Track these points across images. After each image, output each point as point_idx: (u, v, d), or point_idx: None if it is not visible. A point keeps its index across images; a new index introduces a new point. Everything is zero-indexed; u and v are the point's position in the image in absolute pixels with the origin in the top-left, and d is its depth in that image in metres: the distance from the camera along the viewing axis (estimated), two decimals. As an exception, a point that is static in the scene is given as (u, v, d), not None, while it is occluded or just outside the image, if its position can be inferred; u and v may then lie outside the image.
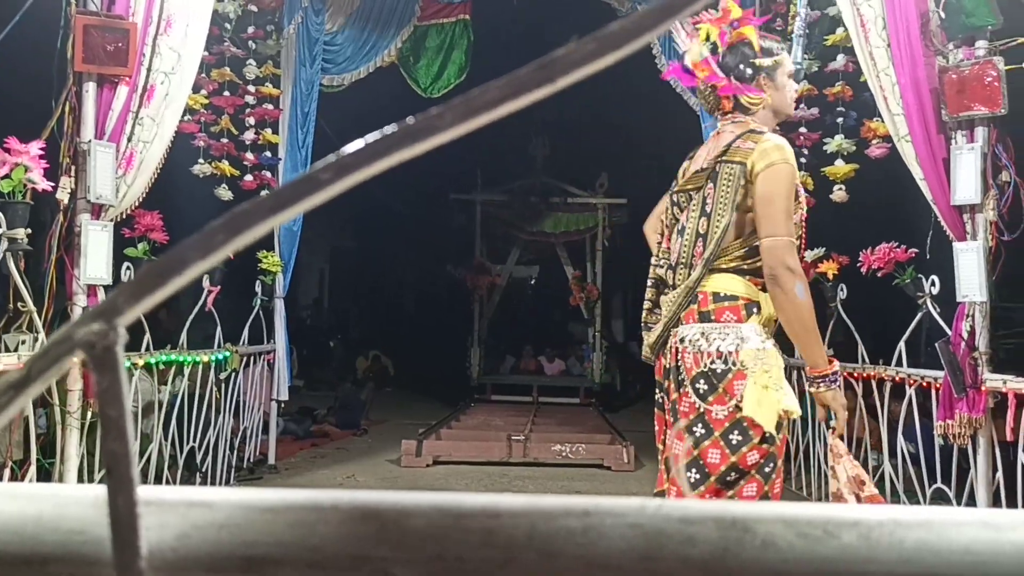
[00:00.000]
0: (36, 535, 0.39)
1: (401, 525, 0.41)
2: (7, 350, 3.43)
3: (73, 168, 3.74)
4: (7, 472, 3.39)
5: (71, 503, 0.41)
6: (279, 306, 6.18)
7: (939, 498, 4.23)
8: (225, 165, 5.69)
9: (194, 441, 5.08)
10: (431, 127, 0.40)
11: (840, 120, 5.03)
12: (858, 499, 2.26)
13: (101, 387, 0.38)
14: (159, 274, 0.39)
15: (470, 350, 11.27)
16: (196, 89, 5.28)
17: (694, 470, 2.36)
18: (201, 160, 5.59)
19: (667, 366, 2.54)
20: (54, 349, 0.39)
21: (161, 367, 4.72)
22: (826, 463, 5.21)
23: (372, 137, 0.40)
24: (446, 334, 12.45)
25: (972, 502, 3.89)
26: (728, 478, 2.32)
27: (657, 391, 2.63)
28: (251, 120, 5.96)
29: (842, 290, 5.10)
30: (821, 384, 2.40)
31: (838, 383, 2.42)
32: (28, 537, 0.39)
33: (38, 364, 0.39)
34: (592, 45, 0.40)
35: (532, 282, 14.26)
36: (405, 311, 15.74)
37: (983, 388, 3.74)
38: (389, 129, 0.40)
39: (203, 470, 5.21)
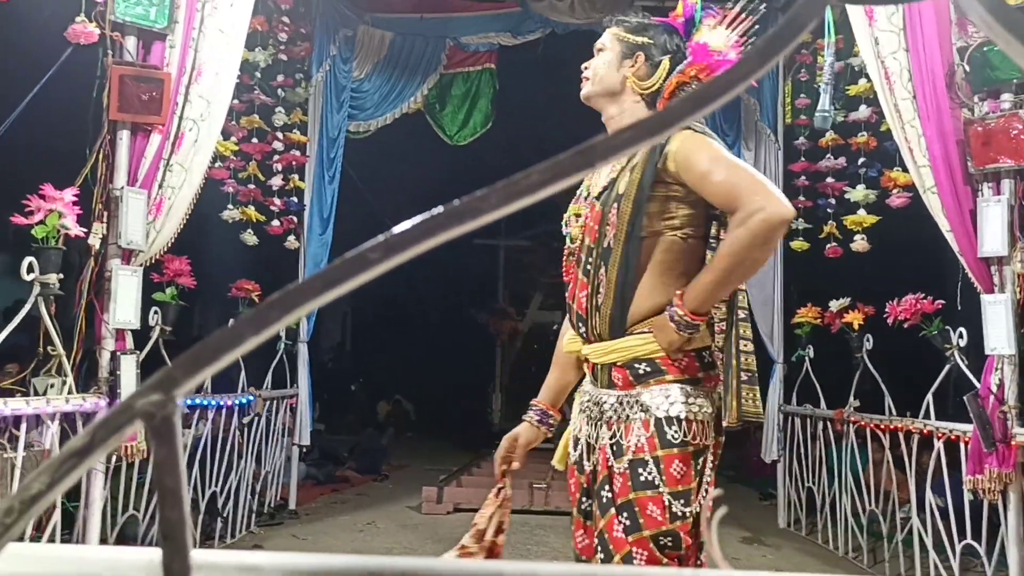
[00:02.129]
0: (93, 599, 0.41)
1: (441, 593, 0.42)
2: (36, 393, 3.48)
3: (105, 214, 3.82)
4: (32, 515, 3.41)
5: (124, 566, 0.42)
6: (303, 350, 6.21)
7: (969, 554, 4.15)
8: (252, 210, 5.77)
9: (216, 486, 5.09)
10: (476, 209, 0.42)
11: (863, 170, 5.05)
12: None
13: (159, 457, 0.40)
14: (215, 348, 0.41)
15: (491, 396, 11.24)
16: (226, 136, 5.39)
17: None
18: (230, 206, 5.68)
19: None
20: (115, 418, 0.41)
21: (185, 411, 4.75)
22: (852, 515, 5.14)
23: (420, 218, 0.42)
24: (468, 379, 12.44)
25: (1003, 559, 3.82)
26: None
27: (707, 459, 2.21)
28: (279, 166, 6.06)
29: (868, 340, 5.07)
30: None
31: None
32: (85, 601, 0.41)
33: (100, 432, 0.40)
34: (629, 133, 0.42)
35: (555, 328, 14.27)
36: (427, 356, 15.76)
37: (1013, 442, 3.69)
38: (437, 210, 0.42)
39: (224, 515, 5.21)
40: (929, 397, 4.42)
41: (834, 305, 5.33)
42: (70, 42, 3.69)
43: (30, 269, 3.34)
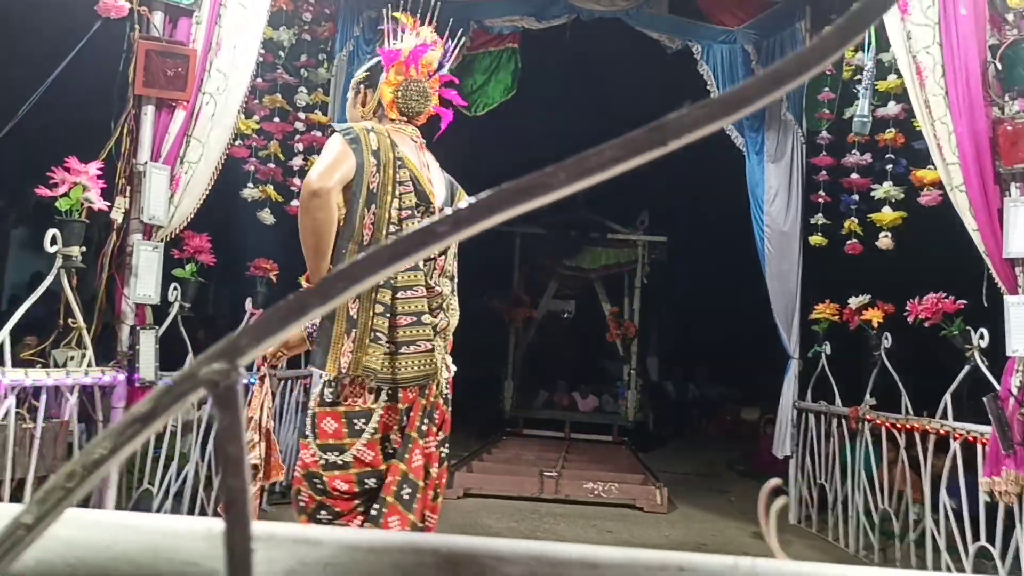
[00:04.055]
0: (153, 566, 0.41)
1: (499, 572, 0.42)
2: (56, 365, 3.50)
3: (128, 189, 3.83)
4: (50, 485, 3.43)
5: (185, 536, 0.42)
6: (319, 331, 6.22)
7: (983, 556, 4.13)
8: (270, 190, 5.78)
9: (230, 462, 5.11)
10: (544, 184, 0.41)
11: (890, 167, 4.99)
12: None
13: (222, 424, 0.40)
14: (280, 318, 0.41)
15: (503, 382, 11.24)
16: (248, 115, 5.39)
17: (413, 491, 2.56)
18: (250, 184, 5.68)
19: (424, 402, 2.57)
20: (179, 386, 0.40)
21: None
22: (864, 514, 5.12)
23: (486, 193, 0.42)
24: (480, 366, 12.45)
25: (1017, 562, 3.79)
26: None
27: (371, 420, 2.53)
28: (299, 146, 6.06)
29: (887, 339, 5.04)
30: None
31: None
32: (145, 567, 0.41)
33: (164, 400, 0.40)
34: (702, 111, 0.41)
35: (566, 316, 14.23)
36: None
37: (1031, 446, 3.67)
38: (505, 186, 0.42)
39: (237, 491, 5.23)
40: (947, 397, 4.39)
41: (853, 302, 5.29)
42: (99, 16, 3.69)
43: (53, 241, 3.35)
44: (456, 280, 2.81)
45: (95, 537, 0.42)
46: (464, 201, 2.45)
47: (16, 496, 3.19)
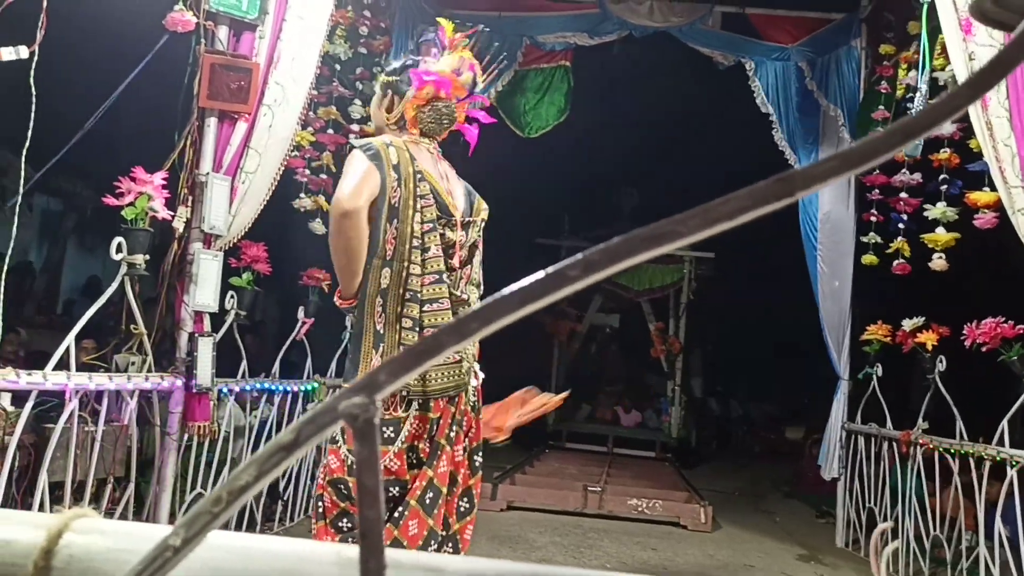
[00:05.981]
0: (288, 591, 0.43)
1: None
2: (117, 370, 3.58)
3: (190, 199, 3.91)
4: (108, 487, 3.52)
5: (315, 560, 0.44)
6: (367, 340, 6.28)
7: (1039, 587, 4.03)
8: (322, 200, 5.85)
9: (278, 469, 5.17)
10: (673, 232, 0.43)
11: (944, 188, 4.91)
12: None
13: (360, 457, 0.42)
14: (417, 355, 0.42)
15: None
16: (304, 126, 5.47)
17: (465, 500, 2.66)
18: (302, 194, 5.77)
19: (454, 411, 2.58)
20: (320, 418, 0.42)
21: (255, 394, 4.85)
22: (915, 540, 5.02)
23: (619, 238, 0.43)
24: (524, 379, 12.44)
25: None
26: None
27: (400, 431, 2.51)
28: (352, 158, 6.13)
29: (941, 362, 4.95)
30: None
31: None
32: (284, 590, 0.43)
33: (306, 430, 0.42)
34: (830, 164, 0.42)
35: (611, 331, 14.18)
36: (485, 353, 15.75)
37: (1092, 475, 3.57)
38: (635, 232, 0.43)
39: (284, 498, 5.30)
40: (1004, 424, 4.30)
41: (907, 324, 5.21)
42: (167, 29, 3.79)
43: (119, 249, 3.44)
44: (483, 288, 2.80)
45: (232, 560, 0.44)
46: (484, 211, 2.49)
47: (76, 498, 3.27)
